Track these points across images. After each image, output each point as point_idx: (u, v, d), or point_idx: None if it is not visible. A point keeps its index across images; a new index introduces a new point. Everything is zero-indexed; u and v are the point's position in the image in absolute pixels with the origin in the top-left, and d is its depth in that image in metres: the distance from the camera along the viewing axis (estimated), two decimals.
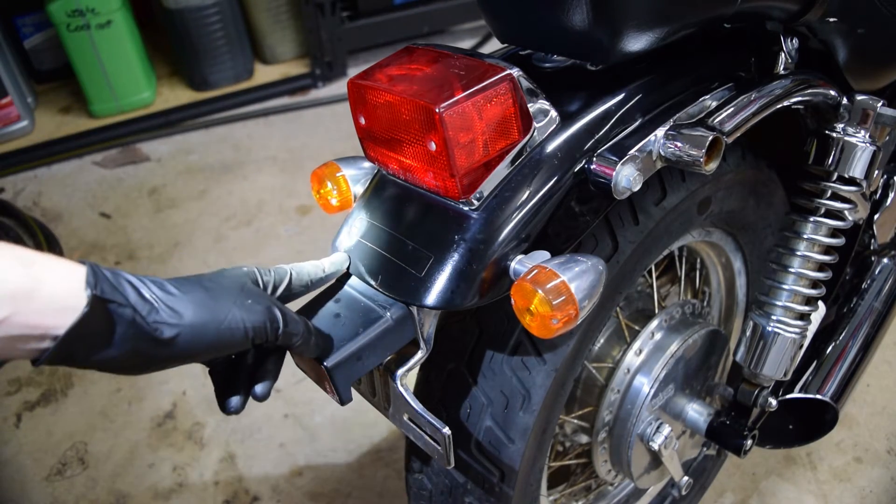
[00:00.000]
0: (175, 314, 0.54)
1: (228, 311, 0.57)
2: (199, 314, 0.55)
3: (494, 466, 0.83)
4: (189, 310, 0.55)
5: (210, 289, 0.58)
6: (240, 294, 0.59)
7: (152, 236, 2.27)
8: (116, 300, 0.51)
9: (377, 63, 0.69)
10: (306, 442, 1.60)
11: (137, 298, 0.52)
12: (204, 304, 0.56)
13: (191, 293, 0.56)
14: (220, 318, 0.56)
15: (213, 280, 0.59)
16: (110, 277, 0.52)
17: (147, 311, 0.53)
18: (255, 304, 0.59)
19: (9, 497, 1.55)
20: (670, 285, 1.17)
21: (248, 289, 0.60)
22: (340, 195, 0.78)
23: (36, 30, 2.91)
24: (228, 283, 0.60)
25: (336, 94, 2.94)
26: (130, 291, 0.52)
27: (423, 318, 0.69)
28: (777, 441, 1.10)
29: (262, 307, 0.60)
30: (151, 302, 0.53)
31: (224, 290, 0.58)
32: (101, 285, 0.50)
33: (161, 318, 0.53)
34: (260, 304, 0.60)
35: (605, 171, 0.67)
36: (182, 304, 0.55)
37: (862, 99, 0.88)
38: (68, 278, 0.49)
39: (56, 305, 0.48)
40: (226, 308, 0.57)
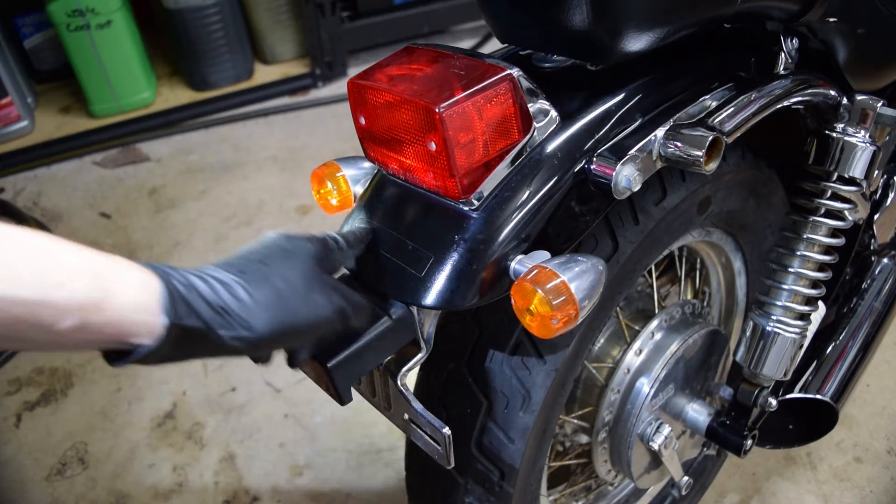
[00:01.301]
0: (247, 327, 0.53)
1: (297, 315, 0.57)
2: (270, 323, 0.55)
3: (494, 466, 0.83)
4: (260, 320, 0.54)
5: (280, 290, 0.56)
6: (308, 291, 0.58)
7: (152, 236, 2.27)
8: (191, 325, 0.50)
9: (377, 63, 0.69)
10: (306, 442, 1.60)
11: (211, 314, 0.52)
12: (274, 310, 0.55)
13: (261, 296, 0.55)
14: (289, 323, 0.56)
15: (283, 275, 0.57)
16: (184, 293, 0.51)
17: (219, 325, 0.52)
18: (323, 299, 0.59)
19: (9, 497, 1.55)
20: (670, 285, 1.17)
21: (316, 281, 0.59)
22: (340, 195, 0.78)
23: (36, 30, 2.91)
24: (297, 277, 0.58)
25: (336, 94, 2.94)
26: (204, 308, 0.51)
27: (423, 318, 0.69)
28: (777, 441, 1.10)
29: (328, 303, 0.59)
30: (223, 315, 0.52)
31: (293, 290, 0.57)
32: (177, 309, 0.49)
33: (234, 334, 0.53)
34: (328, 299, 0.59)
35: (605, 171, 0.67)
36: (253, 314, 0.54)
37: (862, 99, 0.88)
38: (141, 291, 0.48)
39: (127, 318, 0.47)
40: (294, 311, 0.57)
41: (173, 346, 0.50)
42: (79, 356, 1.86)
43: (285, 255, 0.59)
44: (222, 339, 0.52)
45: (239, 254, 0.59)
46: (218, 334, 0.52)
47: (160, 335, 0.49)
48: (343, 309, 0.60)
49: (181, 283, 0.51)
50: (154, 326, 0.49)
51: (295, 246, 0.61)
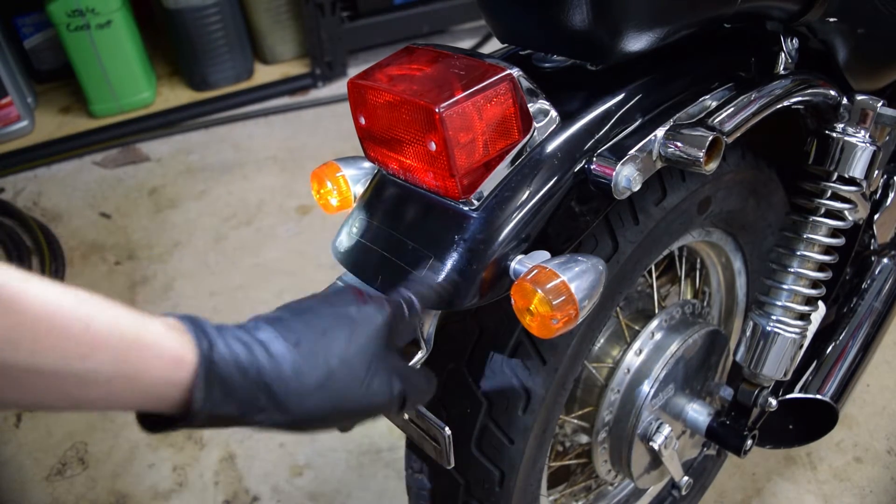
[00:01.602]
0: (286, 412, 0.48)
1: (348, 401, 0.50)
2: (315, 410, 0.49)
3: (494, 466, 0.83)
4: (304, 406, 0.48)
5: (335, 373, 0.49)
6: (367, 376, 0.51)
7: (152, 236, 2.27)
8: (225, 412, 0.46)
9: (377, 63, 0.69)
10: (306, 442, 1.60)
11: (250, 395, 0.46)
12: (322, 396, 0.49)
13: (311, 379, 0.48)
14: (337, 410, 0.50)
15: (341, 355, 0.50)
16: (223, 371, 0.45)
17: (256, 410, 0.47)
18: (383, 386, 0.52)
19: (9, 497, 1.55)
20: (670, 285, 1.17)
21: (378, 364, 0.52)
22: (340, 195, 0.78)
23: (36, 30, 2.91)
24: (358, 359, 0.51)
25: (336, 94, 2.94)
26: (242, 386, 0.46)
27: (423, 318, 0.69)
28: (777, 441, 1.10)
29: (388, 391, 0.53)
30: (262, 399, 0.47)
31: (350, 374, 0.50)
32: (213, 395, 0.45)
33: (271, 419, 0.48)
34: (388, 386, 0.53)
35: (605, 171, 0.67)
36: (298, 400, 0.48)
37: (862, 99, 0.88)
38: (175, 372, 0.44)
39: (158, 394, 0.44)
40: (346, 398, 0.50)
41: (205, 423, 0.47)
42: None
43: (351, 325, 0.52)
44: (255, 423, 0.48)
45: (301, 310, 0.53)
46: (252, 419, 0.48)
47: (190, 418, 0.45)
48: (402, 396, 0.54)
49: (222, 356, 0.46)
50: (184, 403, 0.45)
51: (365, 314, 0.54)
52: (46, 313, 0.41)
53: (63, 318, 0.41)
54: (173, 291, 2.05)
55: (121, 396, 0.43)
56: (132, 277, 2.11)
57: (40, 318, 0.40)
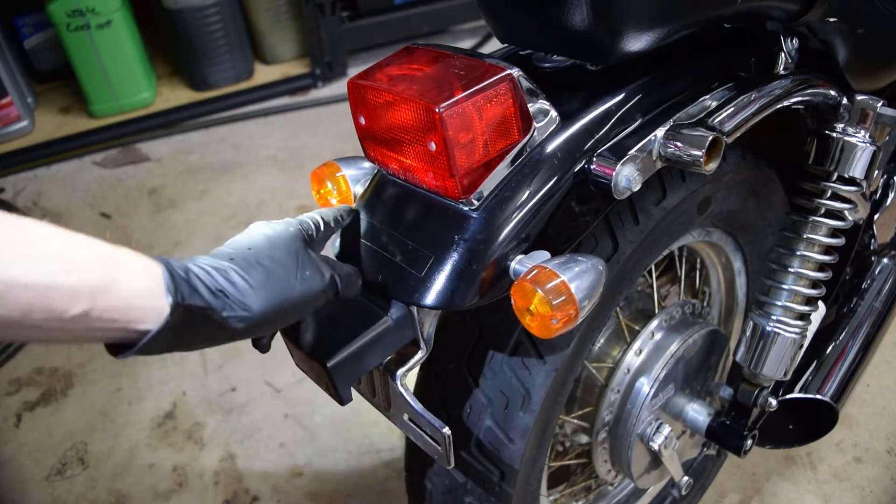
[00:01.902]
0: (245, 307, 0.56)
1: (291, 291, 0.59)
2: (267, 302, 0.57)
3: (494, 466, 0.83)
4: (257, 301, 0.56)
5: (271, 270, 0.59)
6: (297, 267, 0.61)
7: (152, 236, 2.27)
8: (194, 304, 0.52)
9: (377, 63, 0.69)
10: (306, 442, 1.60)
11: (210, 296, 0.54)
12: (268, 290, 0.58)
13: (254, 279, 0.57)
14: (284, 300, 0.58)
15: (271, 257, 0.60)
16: (184, 277, 0.53)
17: (220, 307, 0.54)
18: (314, 273, 0.61)
19: (9, 497, 1.55)
20: (670, 285, 1.17)
21: (303, 258, 0.62)
22: (340, 195, 0.78)
23: (36, 30, 2.91)
24: (285, 256, 0.61)
25: (336, 94, 2.94)
26: (204, 290, 0.54)
27: (423, 318, 0.69)
28: (777, 441, 1.10)
29: (319, 276, 0.62)
30: (222, 298, 0.55)
31: (283, 269, 0.60)
32: (181, 290, 0.52)
33: (233, 314, 0.55)
34: (317, 272, 0.62)
35: (605, 171, 0.67)
36: (249, 296, 0.56)
37: (862, 99, 0.88)
38: (145, 276, 0.50)
39: (133, 303, 0.49)
40: (288, 288, 0.59)
41: (176, 331, 0.52)
42: (79, 356, 1.86)
43: (270, 240, 0.62)
44: (224, 320, 0.55)
45: (226, 244, 0.62)
46: (219, 315, 0.54)
47: (166, 317, 0.50)
48: (333, 278, 0.63)
49: (180, 268, 0.53)
50: (159, 308, 0.50)
51: (278, 230, 0.63)
52: (32, 234, 0.46)
53: (47, 238, 0.46)
54: None
55: (103, 309, 0.48)
56: None
57: (27, 238, 0.45)
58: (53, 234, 0.47)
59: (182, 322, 0.52)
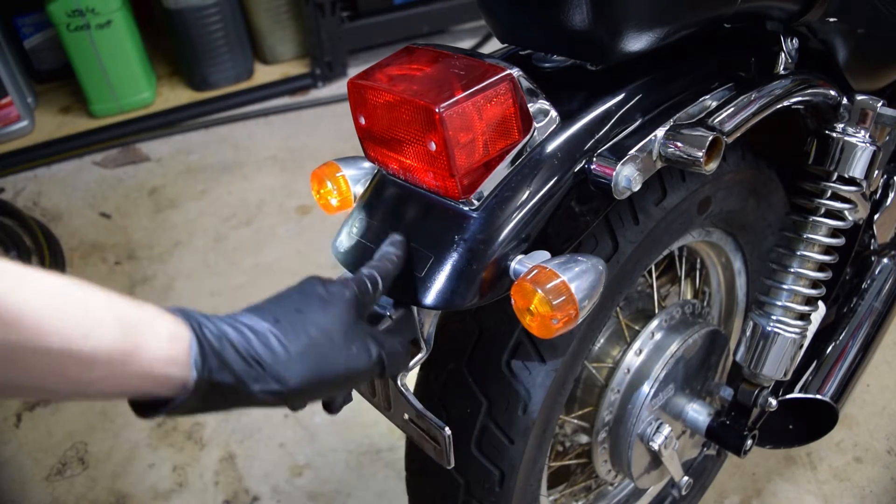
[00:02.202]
0: (279, 380, 0.51)
1: (334, 367, 0.54)
2: (305, 377, 0.52)
3: (494, 466, 0.83)
4: (294, 375, 0.52)
5: (316, 341, 0.53)
6: (345, 341, 0.55)
7: (152, 236, 2.27)
8: (223, 381, 0.48)
9: (377, 63, 0.69)
10: (306, 442, 1.60)
11: (243, 367, 0.49)
12: (309, 363, 0.53)
13: (295, 348, 0.52)
14: (325, 376, 0.54)
15: (319, 325, 0.54)
16: (216, 346, 0.48)
17: (252, 379, 0.50)
18: (360, 351, 0.56)
19: (9, 497, 1.55)
20: (670, 285, 1.17)
21: (354, 330, 0.56)
22: (340, 195, 0.78)
23: (36, 30, 2.91)
24: (334, 326, 0.55)
25: (336, 94, 2.94)
26: (236, 361, 0.49)
27: (423, 318, 0.69)
28: (777, 441, 1.10)
29: (366, 355, 0.57)
30: (256, 369, 0.50)
31: (330, 342, 0.54)
32: (208, 363, 0.47)
33: (265, 387, 0.51)
34: (365, 350, 0.57)
35: (605, 171, 0.67)
36: (287, 367, 0.51)
37: (862, 99, 0.88)
38: (170, 344, 0.46)
39: (156, 372, 0.46)
40: (332, 363, 0.54)
41: (203, 400, 0.49)
42: None
43: (322, 302, 0.56)
44: (254, 393, 0.51)
45: (274, 298, 0.56)
46: (250, 389, 0.50)
47: (189, 390, 0.47)
48: (381, 357, 0.58)
49: (213, 333, 0.49)
50: (184, 380, 0.47)
51: (332, 292, 0.58)
52: (49, 295, 0.42)
53: (64, 301, 0.43)
54: (173, 291, 2.05)
55: (121, 376, 0.44)
56: (132, 277, 2.11)
57: (43, 301, 0.41)
58: (71, 293, 0.43)
59: (208, 393, 0.48)
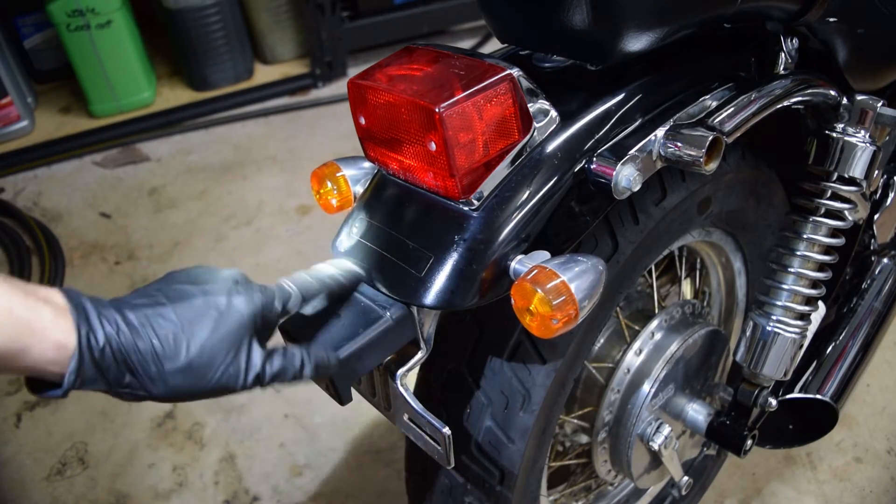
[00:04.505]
0: (147, 391, 0.56)
1: (202, 384, 0.57)
2: (171, 391, 0.56)
3: (494, 466, 0.83)
4: (161, 389, 0.56)
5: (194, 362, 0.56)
6: (224, 360, 0.58)
7: (152, 236, 2.27)
8: (95, 387, 0.54)
9: (377, 63, 0.69)
10: (306, 442, 1.60)
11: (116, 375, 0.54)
12: (180, 380, 0.56)
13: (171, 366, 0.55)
14: (192, 392, 0.57)
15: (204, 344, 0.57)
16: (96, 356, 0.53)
17: (121, 386, 0.55)
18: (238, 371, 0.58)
19: (9, 497, 1.55)
20: (670, 285, 1.17)
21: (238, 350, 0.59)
22: (340, 195, 0.78)
23: (36, 30, 2.91)
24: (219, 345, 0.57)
25: (336, 94, 2.94)
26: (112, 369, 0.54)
27: (423, 318, 0.69)
28: (777, 441, 1.10)
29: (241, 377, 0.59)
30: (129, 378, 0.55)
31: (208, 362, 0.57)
32: (83, 375, 0.53)
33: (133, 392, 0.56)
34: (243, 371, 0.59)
35: (605, 171, 0.67)
36: (157, 382, 0.55)
37: (862, 99, 0.88)
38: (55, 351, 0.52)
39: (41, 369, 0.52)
40: (201, 381, 0.57)
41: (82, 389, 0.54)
42: None
43: (218, 317, 0.58)
44: (121, 395, 0.56)
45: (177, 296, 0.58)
46: (118, 393, 0.56)
47: (64, 389, 0.53)
48: (258, 378, 0.60)
49: (96, 342, 0.53)
50: (61, 380, 0.53)
51: (233, 306, 0.59)
52: None
53: None
54: None
55: (8, 367, 0.51)
56: (132, 277, 2.11)
57: None
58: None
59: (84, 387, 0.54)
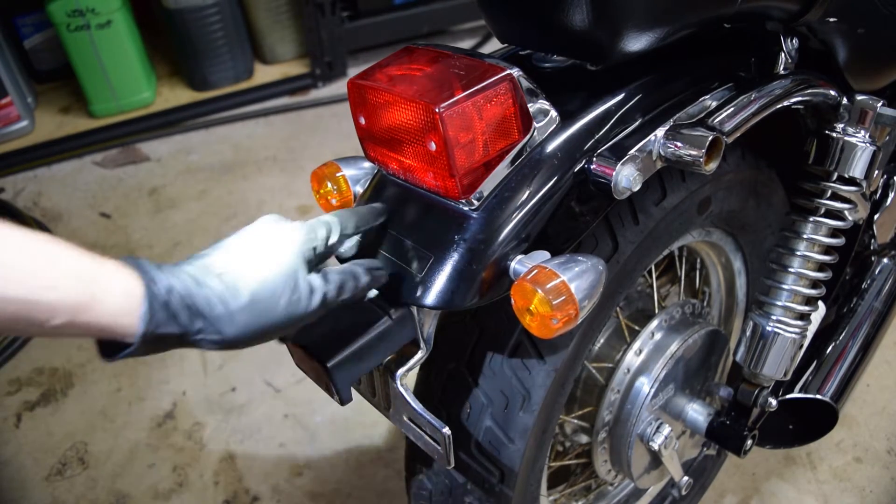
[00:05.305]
0: (219, 333, 0.56)
1: (272, 317, 0.58)
2: (244, 329, 0.57)
3: (494, 466, 0.83)
4: (232, 328, 0.56)
5: (257, 297, 0.57)
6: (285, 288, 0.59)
7: (152, 236, 2.27)
8: (167, 332, 0.54)
9: (377, 63, 0.69)
10: (306, 442, 1.60)
11: (187, 320, 0.54)
12: (248, 317, 0.57)
13: (236, 304, 0.56)
14: (262, 327, 0.58)
15: (262, 279, 0.58)
16: (164, 299, 0.53)
17: (194, 331, 0.55)
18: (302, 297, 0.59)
19: (9, 497, 1.55)
20: (670, 285, 1.17)
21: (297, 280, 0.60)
22: (340, 195, 0.78)
23: (36, 30, 2.91)
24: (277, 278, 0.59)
25: (336, 94, 2.94)
26: (182, 313, 0.54)
27: (423, 318, 0.69)
28: (777, 441, 1.10)
29: (306, 300, 0.60)
30: (199, 322, 0.55)
31: (271, 294, 0.58)
32: (156, 318, 0.52)
33: (205, 338, 0.56)
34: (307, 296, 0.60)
35: (605, 171, 0.67)
36: (226, 323, 0.56)
37: (862, 99, 0.88)
38: (124, 298, 0.52)
39: (111, 322, 0.51)
40: (270, 314, 0.58)
41: (154, 345, 0.54)
42: (79, 356, 1.86)
43: (270, 247, 0.60)
44: (196, 342, 0.56)
45: (228, 243, 0.61)
46: (192, 338, 0.56)
47: (139, 339, 0.52)
48: (324, 300, 0.61)
49: (163, 287, 0.54)
50: (134, 329, 0.52)
51: (282, 243, 0.61)
52: (19, 248, 0.48)
53: (33, 256, 0.48)
54: None
55: (80, 323, 0.50)
56: None
57: (14, 252, 0.48)
58: (40, 248, 0.49)
59: (156, 340, 0.54)
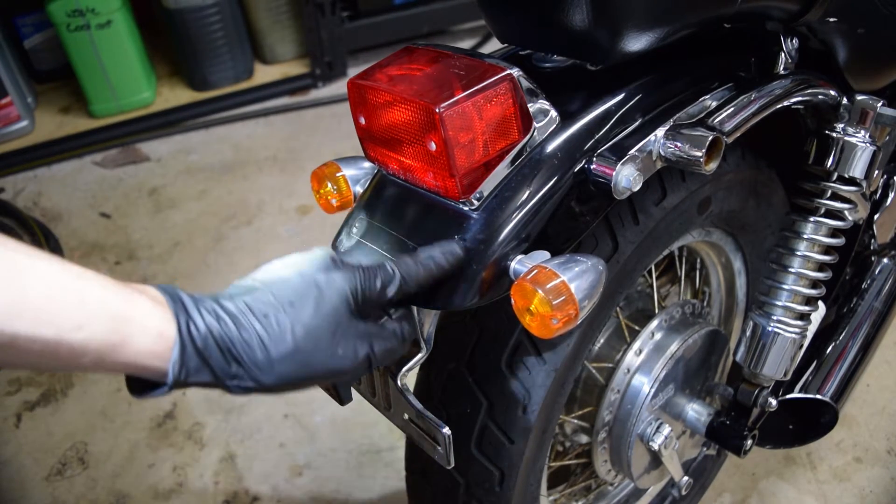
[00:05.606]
0: (255, 380, 0.52)
1: (314, 369, 0.54)
2: (281, 378, 0.53)
3: (494, 466, 0.83)
4: (271, 377, 0.52)
5: (300, 345, 0.53)
6: (331, 343, 0.54)
7: (152, 236, 2.27)
8: (200, 380, 0.51)
9: (377, 63, 0.69)
10: (306, 442, 1.60)
11: (222, 365, 0.51)
12: (288, 367, 0.53)
13: (278, 352, 0.52)
14: (302, 378, 0.54)
15: (306, 325, 0.53)
16: (199, 344, 0.50)
17: (229, 377, 0.52)
18: (347, 352, 0.56)
19: (9, 497, 1.55)
20: (670, 285, 1.17)
21: (343, 330, 0.55)
22: (340, 195, 0.78)
23: (36, 30, 2.91)
24: (323, 326, 0.54)
25: (336, 94, 2.94)
26: (216, 359, 0.51)
27: (423, 318, 0.69)
28: (777, 441, 1.10)
29: (352, 356, 0.56)
30: (235, 369, 0.52)
31: (314, 344, 0.54)
32: (187, 366, 0.50)
33: (240, 385, 0.52)
34: (351, 351, 0.56)
35: (605, 171, 0.67)
36: (266, 371, 0.52)
37: (862, 99, 0.88)
38: (156, 341, 0.49)
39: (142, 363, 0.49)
40: (311, 367, 0.54)
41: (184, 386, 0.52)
42: None
43: (317, 296, 0.55)
44: (229, 388, 0.53)
45: (273, 281, 0.56)
46: (226, 385, 0.52)
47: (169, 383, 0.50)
48: (367, 359, 0.58)
49: (198, 331, 0.50)
50: (164, 373, 0.50)
51: (332, 284, 0.56)
52: (47, 287, 0.45)
53: (62, 293, 0.46)
54: None
55: (109, 363, 0.48)
56: (132, 277, 2.11)
57: (42, 292, 0.45)
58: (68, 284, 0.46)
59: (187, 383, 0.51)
